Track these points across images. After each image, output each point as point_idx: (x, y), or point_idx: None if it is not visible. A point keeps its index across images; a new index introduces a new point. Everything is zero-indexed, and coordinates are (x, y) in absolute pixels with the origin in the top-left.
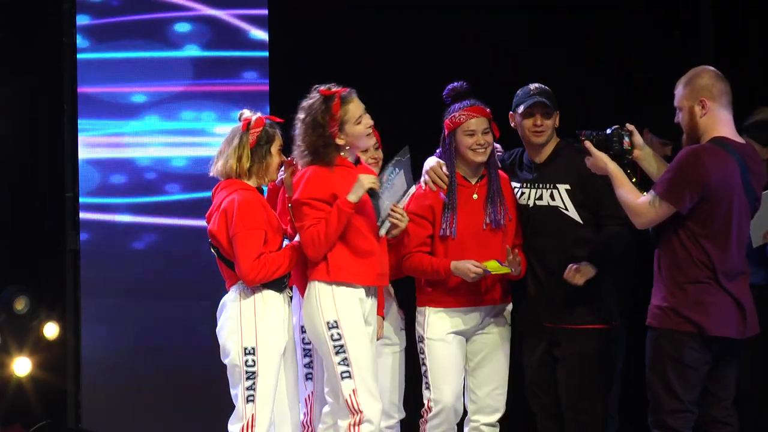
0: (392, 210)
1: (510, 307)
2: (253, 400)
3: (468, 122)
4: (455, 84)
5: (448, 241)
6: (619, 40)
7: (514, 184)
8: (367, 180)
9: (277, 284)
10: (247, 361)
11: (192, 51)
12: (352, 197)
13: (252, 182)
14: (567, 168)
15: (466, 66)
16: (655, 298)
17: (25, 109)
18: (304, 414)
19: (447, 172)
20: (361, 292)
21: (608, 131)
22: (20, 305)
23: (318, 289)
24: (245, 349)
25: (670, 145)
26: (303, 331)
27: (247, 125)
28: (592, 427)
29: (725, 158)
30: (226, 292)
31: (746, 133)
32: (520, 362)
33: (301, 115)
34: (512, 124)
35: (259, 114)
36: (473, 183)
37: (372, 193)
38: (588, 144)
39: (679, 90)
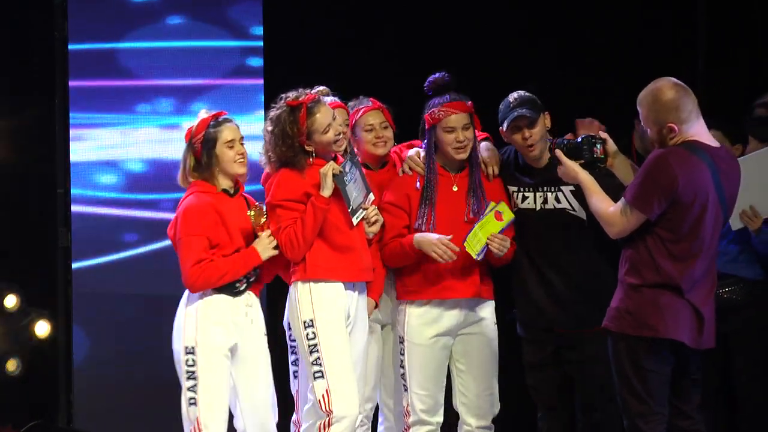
0: (363, 207)
1: (493, 304)
2: (195, 403)
3: (447, 119)
4: (436, 75)
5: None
6: (613, 33)
7: (512, 187)
8: (328, 168)
9: (229, 289)
10: (187, 360)
11: (183, 42)
12: (325, 192)
13: (218, 183)
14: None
15: (462, 53)
16: (614, 299)
17: (15, 104)
18: (295, 412)
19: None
20: (340, 288)
21: (579, 139)
22: (10, 303)
23: (297, 289)
24: (186, 348)
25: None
26: (289, 328)
27: (190, 134)
28: (610, 427)
29: (694, 162)
30: None
31: (746, 128)
32: (511, 362)
33: (269, 127)
34: (505, 139)
35: (203, 116)
36: (453, 174)
37: (338, 180)
38: (558, 152)
39: (643, 112)
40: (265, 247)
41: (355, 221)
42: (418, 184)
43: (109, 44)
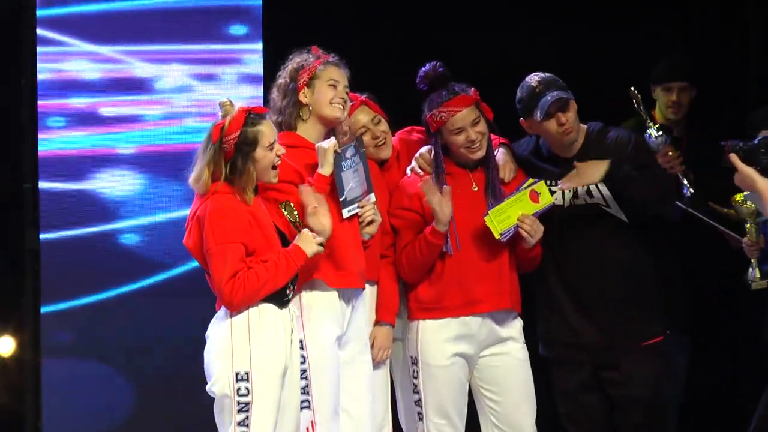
0: (360, 205)
1: (520, 323)
2: None
3: (452, 120)
4: (427, 67)
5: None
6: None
7: None
8: (329, 143)
9: (277, 298)
10: (239, 389)
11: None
12: (325, 169)
13: (248, 196)
14: (603, 156)
15: (463, 50)
16: None
17: None
18: None
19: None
20: (334, 299)
21: (755, 141)
22: None
23: None
24: (237, 374)
25: (675, 89)
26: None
27: (220, 132)
28: None
29: None
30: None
31: None
32: (539, 385)
33: (281, 73)
34: (530, 132)
35: (238, 108)
36: (471, 171)
37: (335, 160)
38: (733, 158)
39: None
40: (309, 242)
41: (345, 214)
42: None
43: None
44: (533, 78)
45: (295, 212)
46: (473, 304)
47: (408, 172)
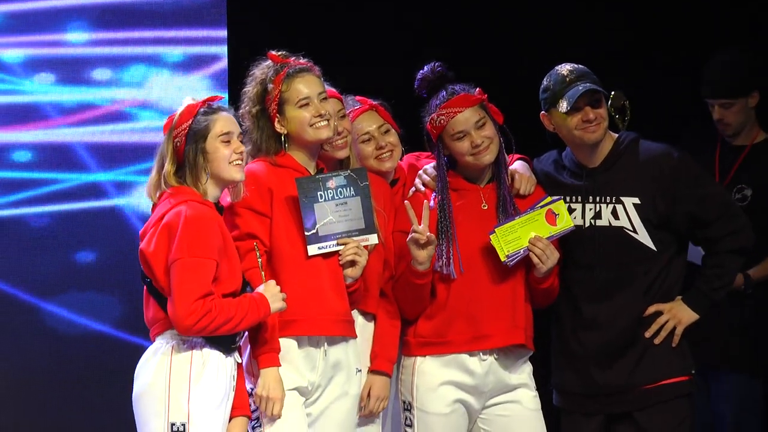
0: (340, 241)
1: (530, 367)
2: None
3: (452, 122)
4: (425, 70)
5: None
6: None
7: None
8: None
9: (225, 343)
10: None
11: None
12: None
13: (204, 193)
14: (635, 173)
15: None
16: None
17: None
18: None
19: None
20: (292, 346)
21: None
22: None
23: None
24: (172, 425)
25: (715, 106)
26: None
27: (170, 126)
28: None
29: None
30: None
31: None
32: None
33: (247, 87)
34: (550, 128)
35: (191, 101)
36: (481, 185)
37: (303, 186)
38: None
39: None
40: (274, 295)
41: (312, 251)
42: (432, 202)
43: None
44: (564, 66)
45: (260, 259)
46: (482, 338)
47: (410, 192)
